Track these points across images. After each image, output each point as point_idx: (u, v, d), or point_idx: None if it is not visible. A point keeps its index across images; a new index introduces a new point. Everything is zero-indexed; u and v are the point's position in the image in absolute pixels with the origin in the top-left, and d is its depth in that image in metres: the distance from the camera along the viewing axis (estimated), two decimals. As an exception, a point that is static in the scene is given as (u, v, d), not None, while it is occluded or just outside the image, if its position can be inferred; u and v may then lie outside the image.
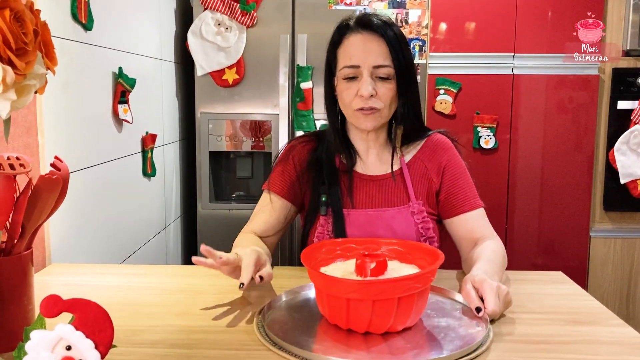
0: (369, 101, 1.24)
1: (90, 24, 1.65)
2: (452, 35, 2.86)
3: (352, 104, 1.26)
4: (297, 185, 1.37)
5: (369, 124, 1.27)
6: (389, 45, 1.24)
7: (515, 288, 1.20)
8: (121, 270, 1.41)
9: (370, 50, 1.24)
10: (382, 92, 1.25)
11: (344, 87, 1.27)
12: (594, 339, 0.95)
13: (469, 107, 2.89)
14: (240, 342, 0.93)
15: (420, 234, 1.31)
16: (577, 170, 2.92)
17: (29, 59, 0.65)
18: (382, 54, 1.24)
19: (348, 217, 1.31)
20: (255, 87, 2.58)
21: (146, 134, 2.16)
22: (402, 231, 1.29)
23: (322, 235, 1.32)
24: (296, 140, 1.43)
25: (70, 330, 0.63)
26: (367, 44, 1.25)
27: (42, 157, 1.39)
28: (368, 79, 1.24)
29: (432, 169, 1.35)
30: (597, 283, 2.99)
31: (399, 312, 0.90)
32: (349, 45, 1.27)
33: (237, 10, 2.50)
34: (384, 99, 1.25)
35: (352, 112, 1.28)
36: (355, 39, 1.26)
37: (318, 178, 1.34)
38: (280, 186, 1.37)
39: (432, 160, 1.36)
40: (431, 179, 1.35)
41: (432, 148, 1.37)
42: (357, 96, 1.25)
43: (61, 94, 1.50)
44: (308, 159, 1.37)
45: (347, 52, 1.26)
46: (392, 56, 1.24)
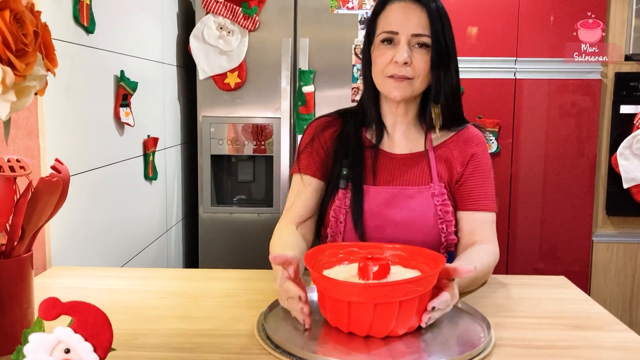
0: (402, 69, 1.22)
1: (92, 27, 1.65)
2: (455, 39, 2.86)
3: (386, 70, 1.24)
4: (327, 162, 1.34)
5: (399, 92, 1.24)
6: (429, 17, 1.23)
7: (518, 292, 1.19)
8: (122, 274, 1.41)
9: (410, 19, 1.23)
10: (417, 62, 1.23)
11: (379, 53, 1.26)
12: (597, 344, 0.94)
13: (471, 111, 2.88)
14: (241, 345, 0.92)
15: (438, 217, 1.27)
16: (580, 174, 2.91)
17: (28, 60, 0.65)
18: (422, 23, 1.23)
19: (367, 193, 1.29)
20: (257, 90, 2.58)
21: (148, 137, 2.16)
22: (420, 211, 1.27)
23: (339, 209, 1.29)
24: (317, 120, 1.40)
25: (69, 333, 0.62)
26: (409, 12, 1.24)
27: (43, 160, 1.38)
28: (405, 46, 1.22)
29: (458, 158, 1.32)
30: (600, 288, 2.97)
31: (400, 316, 0.90)
32: (390, 12, 1.26)
33: (239, 14, 2.50)
34: (418, 69, 1.23)
35: (383, 79, 1.26)
36: (398, 6, 1.25)
37: (343, 152, 1.32)
38: (311, 167, 1.34)
39: (460, 150, 1.32)
40: (455, 167, 1.31)
41: (464, 139, 1.34)
42: (391, 62, 1.23)
43: (63, 96, 1.50)
44: (333, 135, 1.35)
45: (388, 18, 1.25)
46: (432, 27, 1.23)
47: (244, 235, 2.59)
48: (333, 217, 1.30)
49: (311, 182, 1.33)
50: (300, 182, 1.33)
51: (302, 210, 1.32)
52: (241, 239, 2.61)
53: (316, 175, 1.33)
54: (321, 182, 1.34)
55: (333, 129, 1.37)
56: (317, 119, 1.41)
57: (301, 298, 0.95)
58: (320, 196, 1.34)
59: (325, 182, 1.34)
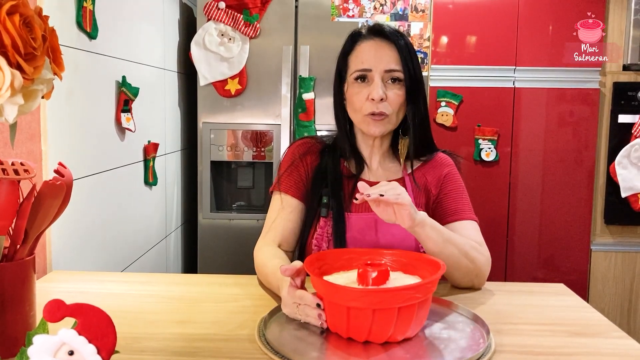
0: (379, 105, 1.26)
1: (95, 33, 1.66)
2: (454, 48, 2.88)
3: (363, 109, 1.28)
4: (307, 185, 1.36)
5: (377, 129, 1.29)
6: (399, 53, 1.27)
7: (516, 300, 1.20)
8: (122, 278, 1.41)
9: (381, 56, 1.27)
10: (392, 97, 1.27)
11: (354, 92, 1.29)
12: (596, 350, 0.95)
13: (470, 120, 2.90)
14: (241, 350, 0.93)
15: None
16: (578, 183, 2.92)
17: (37, 63, 0.66)
18: (393, 59, 1.27)
19: (348, 220, 1.31)
20: (257, 97, 2.59)
21: (148, 142, 2.17)
22: (401, 236, 1.29)
23: (321, 237, 1.31)
24: (300, 142, 1.42)
25: (73, 335, 0.63)
26: (379, 50, 1.28)
27: (45, 164, 1.39)
28: (379, 82, 1.26)
29: (432, 182, 1.37)
30: (598, 297, 2.98)
31: (399, 322, 0.90)
32: (361, 51, 1.30)
33: (240, 21, 2.51)
34: (393, 104, 1.27)
35: (361, 118, 1.29)
36: (367, 44, 1.30)
37: (322, 181, 1.34)
38: (292, 188, 1.35)
39: (433, 175, 1.37)
40: (430, 190, 1.36)
41: (434, 164, 1.39)
42: (367, 100, 1.26)
43: (65, 101, 1.51)
44: (313, 162, 1.37)
45: (359, 57, 1.29)
46: (403, 62, 1.27)
47: (243, 241, 2.59)
48: (315, 245, 1.31)
49: (291, 203, 1.34)
50: (280, 201, 1.35)
51: (282, 230, 1.32)
52: (240, 245, 2.61)
53: (296, 196, 1.35)
54: (301, 203, 1.35)
55: (313, 156, 1.38)
56: (301, 140, 1.43)
57: (320, 305, 0.96)
58: (299, 217, 1.35)
59: (305, 204, 1.35)
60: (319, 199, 1.33)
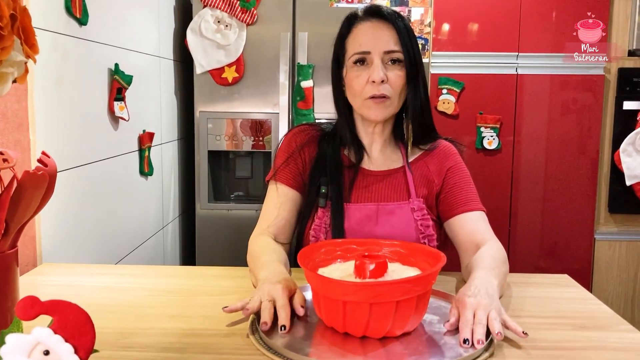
0: (380, 87, 1.21)
1: (85, 19, 1.62)
2: (455, 34, 2.83)
3: (363, 92, 1.23)
4: (304, 175, 1.32)
5: (379, 113, 1.24)
6: (398, 33, 1.23)
7: (519, 291, 1.16)
8: (115, 271, 1.38)
9: (380, 37, 1.23)
10: (393, 79, 1.23)
11: (353, 75, 1.24)
12: (602, 344, 0.91)
13: (472, 107, 2.86)
14: (234, 345, 0.89)
15: (419, 231, 1.27)
16: (582, 171, 2.88)
17: (4, 44, 0.62)
18: (392, 40, 1.23)
19: (347, 211, 1.27)
20: (255, 85, 2.54)
21: (143, 132, 2.13)
22: (400, 227, 1.26)
23: (319, 228, 1.27)
24: (298, 129, 1.38)
25: (48, 334, 0.59)
26: (377, 31, 1.24)
27: (33, 153, 1.35)
28: (379, 64, 1.22)
29: (435, 172, 1.33)
30: (602, 286, 2.95)
31: (397, 316, 0.87)
32: (359, 33, 1.25)
33: (237, 7, 2.46)
34: (395, 86, 1.23)
35: (362, 102, 1.25)
36: (365, 26, 1.25)
37: (321, 171, 1.31)
38: (288, 178, 1.31)
39: (436, 164, 1.33)
40: (432, 180, 1.32)
41: (437, 153, 1.35)
42: (367, 83, 1.22)
43: (54, 89, 1.47)
44: (312, 152, 1.33)
45: (357, 40, 1.25)
46: (402, 43, 1.23)
47: (242, 232, 2.54)
48: (313, 236, 1.28)
49: (287, 193, 1.31)
50: (276, 191, 1.31)
51: (277, 220, 1.29)
52: (239, 236, 2.57)
53: (293, 186, 1.31)
54: (297, 193, 1.32)
55: (311, 144, 1.34)
56: (298, 128, 1.39)
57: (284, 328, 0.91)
58: (295, 208, 1.31)
59: (301, 194, 1.32)
60: (317, 188, 1.30)
